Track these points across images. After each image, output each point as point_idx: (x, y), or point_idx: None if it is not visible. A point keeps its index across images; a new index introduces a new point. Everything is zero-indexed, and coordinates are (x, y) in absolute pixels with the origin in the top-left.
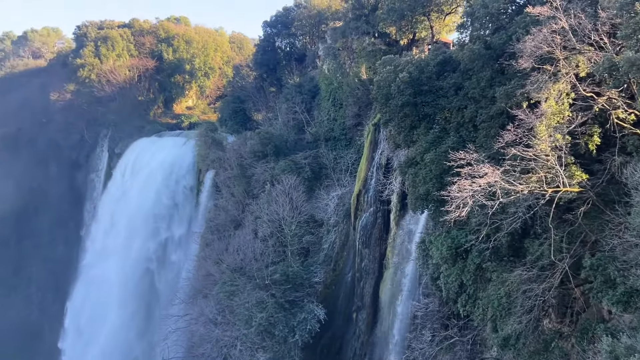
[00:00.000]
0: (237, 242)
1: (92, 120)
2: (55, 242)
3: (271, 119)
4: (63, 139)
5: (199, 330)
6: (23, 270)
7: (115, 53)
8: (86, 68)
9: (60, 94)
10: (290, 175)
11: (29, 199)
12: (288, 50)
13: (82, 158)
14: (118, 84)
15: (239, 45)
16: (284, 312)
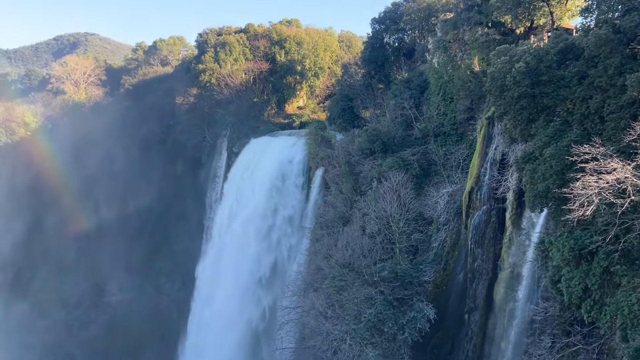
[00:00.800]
0: (345, 238)
1: (213, 121)
2: (181, 236)
3: (379, 115)
4: (187, 140)
5: (310, 322)
6: (154, 261)
7: (232, 57)
8: (207, 73)
9: (185, 98)
10: (398, 172)
11: (159, 195)
12: (396, 46)
13: (204, 157)
14: (235, 86)
15: (348, 43)
16: (392, 309)
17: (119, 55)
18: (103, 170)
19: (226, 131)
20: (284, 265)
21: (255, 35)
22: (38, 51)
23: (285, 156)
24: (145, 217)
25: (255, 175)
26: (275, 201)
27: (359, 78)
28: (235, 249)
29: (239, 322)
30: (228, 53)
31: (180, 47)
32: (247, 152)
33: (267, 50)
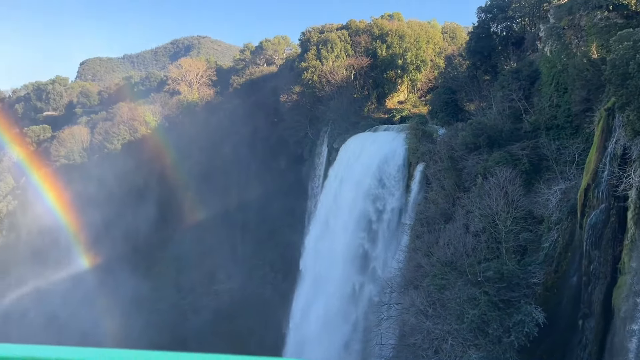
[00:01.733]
0: (447, 236)
1: (314, 118)
2: (284, 228)
3: (484, 108)
4: (290, 136)
5: (410, 320)
6: (259, 252)
7: (334, 54)
8: (309, 70)
9: (288, 96)
10: (505, 168)
11: (265, 189)
12: (504, 35)
13: (306, 153)
14: (336, 83)
15: (452, 35)
16: (498, 311)
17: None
18: (214, 165)
19: (327, 127)
20: (383, 261)
21: (356, 31)
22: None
23: (385, 151)
24: (252, 210)
25: (355, 171)
26: (374, 197)
27: (463, 70)
28: (335, 242)
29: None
30: (330, 50)
31: (285, 46)
32: (347, 148)
33: (368, 45)
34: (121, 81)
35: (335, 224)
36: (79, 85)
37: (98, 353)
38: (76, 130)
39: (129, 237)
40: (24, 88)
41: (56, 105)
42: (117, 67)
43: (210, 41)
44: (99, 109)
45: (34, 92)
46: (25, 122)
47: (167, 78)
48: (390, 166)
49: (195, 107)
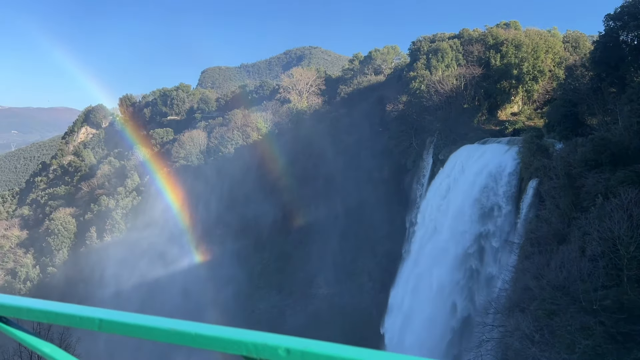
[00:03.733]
0: (560, 258)
1: (420, 128)
2: (384, 238)
3: (608, 123)
4: (394, 146)
5: (514, 344)
6: (358, 260)
7: (444, 64)
8: (417, 80)
9: (394, 105)
10: (631, 189)
11: (366, 198)
12: (635, 45)
13: (410, 163)
14: (445, 93)
15: (574, 44)
16: (615, 344)
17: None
18: (318, 172)
19: (433, 138)
20: (486, 279)
21: (469, 40)
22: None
23: (495, 165)
24: (353, 217)
25: (461, 183)
26: (480, 211)
27: (586, 81)
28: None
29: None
30: (440, 59)
31: (394, 56)
32: (454, 159)
33: (481, 54)
34: (237, 89)
35: (437, 238)
36: (199, 92)
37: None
38: (195, 134)
39: (236, 236)
40: (152, 94)
41: (179, 110)
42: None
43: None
44: (216, 115)
45: (160, 98)
46: (151, 125)
47: (279, 87)
48: (499, 181)
49: (303, 115)
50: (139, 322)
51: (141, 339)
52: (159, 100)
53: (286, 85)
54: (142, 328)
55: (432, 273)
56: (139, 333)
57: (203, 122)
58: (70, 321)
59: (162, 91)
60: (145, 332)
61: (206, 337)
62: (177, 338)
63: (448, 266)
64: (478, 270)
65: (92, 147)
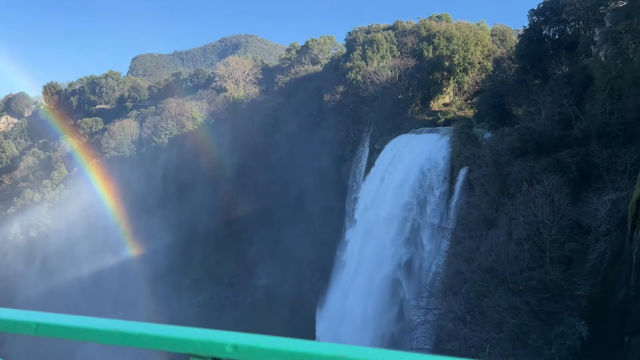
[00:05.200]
0: (489, 243)
1: (357, 118)
2: (323, 227)
3: (533, 113)
4: (332, 136)
5: (447, 326)
6: (297, 250)
7: (379, 55)
8: (354, 70)
9: (332, 96)
10: (553, 175)
11: (305, 188)
12: (557, 39)
13: (347, 153)
14: (380, 83)
15: (501, 37)
16: (539, 321)
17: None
18: (256, 162)
19: (369, 128)
20: (421, 265)
21: (403, 32)
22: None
23: (428, 154)
24: (291, 207)
25: (396, 173)
26: (415, 199)
27: (512, 73)
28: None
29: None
30: (375, 50)
31: (330, 46)
32: (389, 149)
33: (415, 46)
34: (170, 77)
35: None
36: (130, 80)
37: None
38: (126, 124)
39: (173, 228)
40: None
41: (108, 99)
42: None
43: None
44: (148, 104)
45: (88, 86)
46: (79, 114)
47: (215, 75)
48: (432, 169)
49: (240, 105)
50: (80, 325)
51: (82, 341)
52: (86, 88)
53: (222, 74)
54: (83, 330)
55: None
56: (80, 336)
57: (135, 112)
58: (4, 326)
59: (90, 79)
60: (87, 334)
61: (151, 336)
62: (121, 339)
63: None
64: (413, 255)
65: (14, 137)
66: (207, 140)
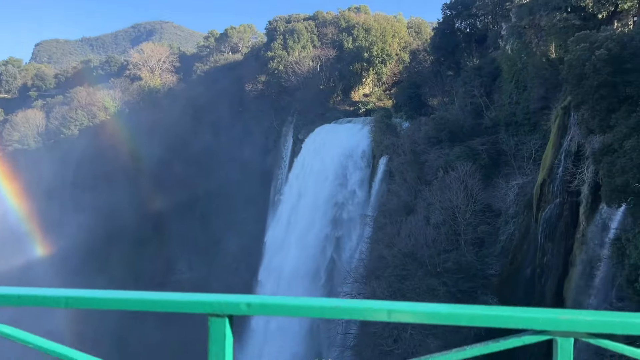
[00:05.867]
0: (409, 228)
1: (280, 108)
2: (247, 219)
3: (447, 103)
4: (255, 126)
5: None
6: (221, 243)
7: (300, 45)
8: (275, 60)
9: (253, 85)
10: (466, 162)
11: (228, 179)
12: (468, 32)
13: (270, 143)
14: (302, 74)
15: (417, 30)
16: (455, 301)
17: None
18: (175, 154)
19: (292, 118)
20: (346, 251)
21: (323, 22)
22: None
23: (350, 144)
24: (215, 199)
25: (320, 162)
26: (338, 188)
27: (428, 65)
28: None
29: None
30: (296, 40)
31: (251, 35)
32: (312, 139)
33: (335, 37)
34: (79, 65)
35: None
36: (34, 68)
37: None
38: (30, 114)
39: (86, 225)
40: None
41: (9, 88)
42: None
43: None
44: (55, 93)
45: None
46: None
47: (128, 63)
48: (354, 158)
49: (157, 94)
50: (107, 296)
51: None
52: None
53: (136, 62)
54: (111, 300)
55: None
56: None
57: (40, 101)
58: (40, 302)
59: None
60: (115, 303)
61: (175, 302)
62: (150, 305)
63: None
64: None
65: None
66: (122, 131)
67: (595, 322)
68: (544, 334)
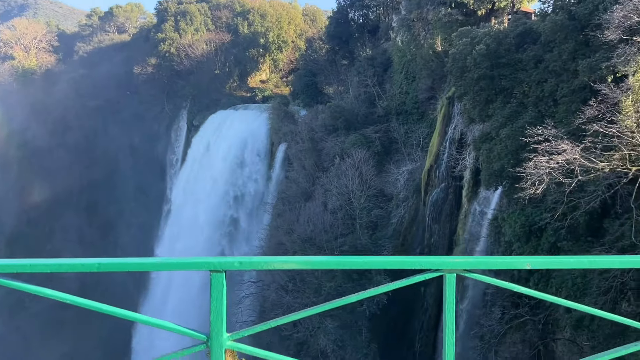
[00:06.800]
0: (307, 214)
1: (172, 93)
2: (138, 209)
3: (342, 92)
4: (145, 111)
5: (271, 296)
6: (110, 235)
7: (193, 27)
8: (166, 42)
9: (143, 68)
10: (360, 149)
11: (115, 167)
12: (361, 22)
13: (163, 129)
14: (196, 57)
15: (312, 17)
16: (352, 282)
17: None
18: (56, 141)
19: (186, 103)
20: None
21: (217, 5)
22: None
23: (247, 131)
24: (101, 189)
25: (216, 150)
26: (236, 176)
27: (323, 53)
28: (195, 223)
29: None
30: (189, 23)
31: (139, 15)
32: (207, 126)
33: (230, 21)
34: None
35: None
36: None
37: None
38: None
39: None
40: None
41: None
42: None
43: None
44: None
45: None
46: None
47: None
48: (252, 145)
49: (32, 75)
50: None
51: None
52: None
53: (7, 39)
54: (132, 264)
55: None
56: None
57: None
58: (74, 267)
59: None
60: (136, 266)
61: (184, 263)
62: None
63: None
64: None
65: None
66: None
67: (467, 262)
68: (438, 272)
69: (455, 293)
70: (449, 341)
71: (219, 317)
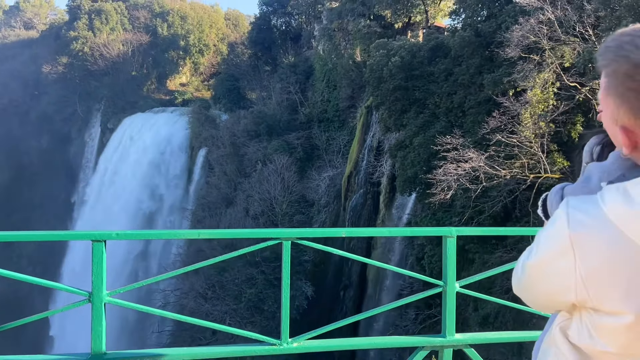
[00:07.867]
0: (228, 220)
1: (85, 94)
2: (46, 216)
3: (265, 98)
4: (55, 112)
5: (189, 304)
6: (14, 244)
7: (109, 27)
8: (79, 41)
9: (53, 67)
10: (283, 155)
11: (20, 172)
12: (284, 29)
13: (75, 132)
14: (111, 58)
15: (235, 22)
16: (273, 288)
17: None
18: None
19: (100, 105)
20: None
21: (135, 5)
22: None
23: (166, 135)
24: (4, 194)
25: (133, 154)
26: (154, 181)
27: (246, 59)
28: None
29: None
30: (104, 21)
31: (48, 11)
32: (123, 129)
33: (148, 22)
34: None
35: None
36: None
37: None
38: None
39: None
40: None
41: None
42: None
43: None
44: None
45: None
46: None
47: None
48: (171, 150)
49: None
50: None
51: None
52: None
53: None
54: (144, 234)
55: None
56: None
57: None
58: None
59: None
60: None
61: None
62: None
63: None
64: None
65: None
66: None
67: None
68: (277, 240)
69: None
70: (285, 296)
71: (99, 278)
